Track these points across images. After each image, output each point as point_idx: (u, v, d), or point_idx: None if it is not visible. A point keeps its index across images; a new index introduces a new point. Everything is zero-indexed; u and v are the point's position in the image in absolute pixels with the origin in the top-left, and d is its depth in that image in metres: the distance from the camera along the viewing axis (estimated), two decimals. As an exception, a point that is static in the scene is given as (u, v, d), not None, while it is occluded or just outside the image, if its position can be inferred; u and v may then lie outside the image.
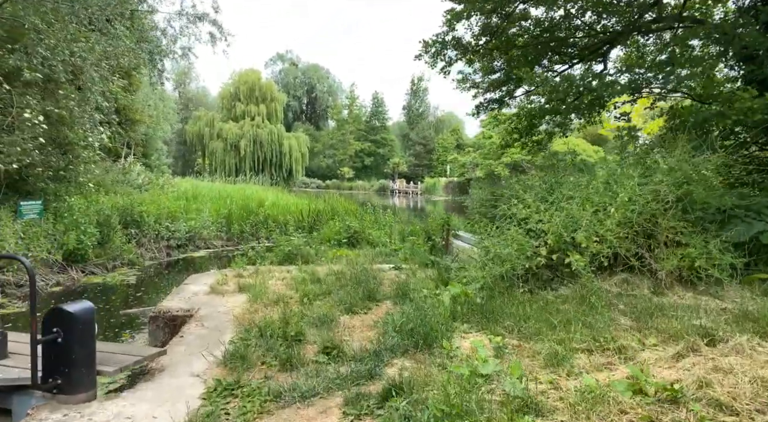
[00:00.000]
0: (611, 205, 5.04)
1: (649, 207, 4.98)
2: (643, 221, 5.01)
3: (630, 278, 5.17)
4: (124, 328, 8.08)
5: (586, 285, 4.93)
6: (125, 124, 23.59)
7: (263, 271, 7.82)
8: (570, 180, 6.13)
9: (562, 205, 5.36)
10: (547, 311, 4.63)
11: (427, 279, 6.77)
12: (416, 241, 9.76)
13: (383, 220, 14.70)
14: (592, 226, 5.03)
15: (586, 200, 5.28)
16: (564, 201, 5.51)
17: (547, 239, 5.24)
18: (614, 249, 4.89)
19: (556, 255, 5.20)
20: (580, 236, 5.04)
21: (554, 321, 4.30)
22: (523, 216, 5.47)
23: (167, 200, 17.17)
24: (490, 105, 14.70)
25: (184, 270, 13.38)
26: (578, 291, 4.96)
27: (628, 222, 5.01)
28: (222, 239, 16.83)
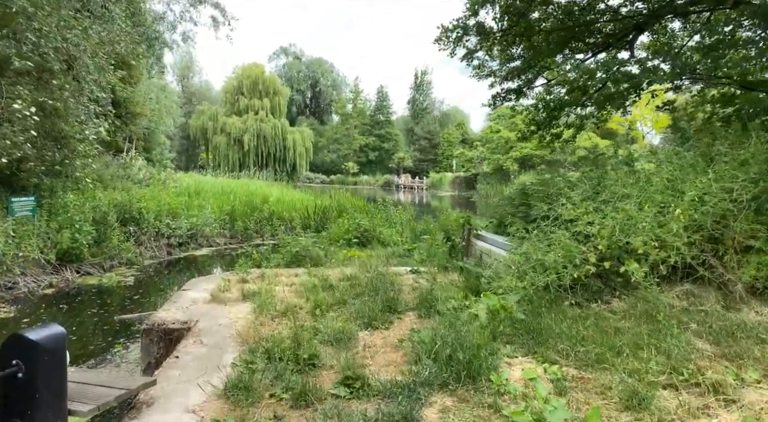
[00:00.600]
0: (675, 205, 4.32)
1: (720, 207, 4.27)
2: (712, 223, 4.29)
3: (694, 290, 4.46)
4: (118, 336, 7.43)
5: (646, 298, 4.22)
6: (126, 117, 22.93)
7: (269, 275, 7.14)
8: (619, 175, 5.41)
9: (617, 205, 4.64)
10: (604, 330, 3.93)
11: (452, 286, 6.07)
12: (433, 241, 9.05)
13: (394, 217, 13.99)
14: (652, 230, 4.31)
15: (646, 199, 4.56)
16: (618, 200, 4.79)
17: (597, 244, 4.53)
18: (680, 256, 4.18)
19: (609, 263, 4.50)
20: (638, 241, 4.32)
21: (617, 343, 3.60)
22: (570, 217, 4.76)
23: (168, 196, 16.51)
24: (508, 95, 13.94)
25: (185, 269, 12.74)
26: (637, 306, 4.26)
27: (694, 224, 4.30)
28: (225, 236, 16.18)
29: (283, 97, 68.68)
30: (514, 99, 14.22)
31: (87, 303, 9.20)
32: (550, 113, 14.42)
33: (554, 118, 14.50)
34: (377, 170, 72.75)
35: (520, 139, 15.21)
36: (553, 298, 4.56)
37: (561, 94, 14.71)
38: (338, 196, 23.91)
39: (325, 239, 11.25)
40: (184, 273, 12.41)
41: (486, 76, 13.82)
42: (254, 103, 66.92)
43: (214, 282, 6.95)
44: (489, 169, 44.30)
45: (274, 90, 68.24)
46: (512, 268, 5.05)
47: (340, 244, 11.28)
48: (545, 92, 15.11)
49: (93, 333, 7.58)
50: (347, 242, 10.85)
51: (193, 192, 21.15)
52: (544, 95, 15.03)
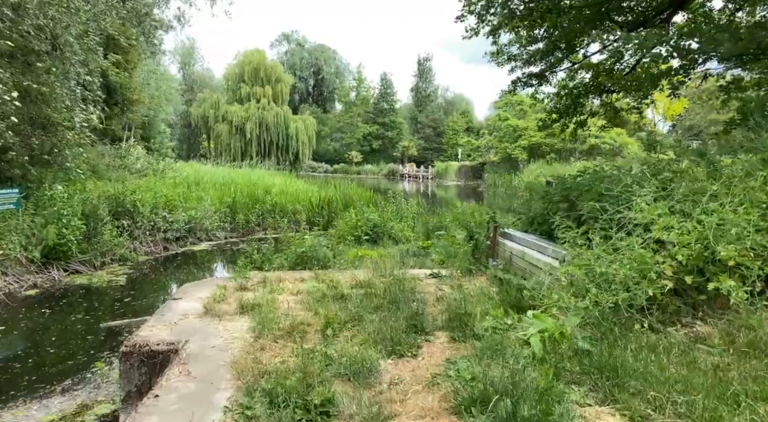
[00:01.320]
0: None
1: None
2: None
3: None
4: (103, 348, 6.61)
5: (745, 324, 3.35)
6: (123, 104, 22.04)
7: (272, 280, 6.29)
8: (697, 169, 4.51)
9: (704, 206, 3.75)
10: (701, 368, 3.06)
11: (485, 297, 5.21)
12: (452, 240, 8.18)
13: (405, 210, 13.10)
14: (750, 236, 3.43)
15: (742, 199, 3.67)
16: (697, 199, 3.90)
17: (675, 253, 3.66)
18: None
19: (691, 278, 3.63)
20: (730, 250, 3.44)
21: (728, 390, 2.74)
22: (645, 220, 3.87)
23: (165, 187, 15.66)
24: (530, 80, 12.99)
25: (182, 266, 11.93)
26: (735, 334, 3.39)
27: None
28: (225, 230, 15.34)
29: (285, 85, 67.47)
30: (536, 84, 13.27)
31: (73, 306, 8.39)
32: (574, 100, 13.52)
33: (579, 105, 13.58)
34: (381, 159, 71.71)
35: (541, 128, 14.26)
36: (621, 321, 3.69)
37: (585, 79, 13.78)
38: (343, 186, 23.05)
39: (333, 236, 10.41)
40: (181, 270, 11.60)
41: (506, 62, 12.87)
42: (256, 91, 65.80)
43: (209, 288, 6.10)
44: (496, 157, 43.24)
45: (277, 77, 67.04)
46: (564, 281, 4.18)
47: (348, 241, 10.44)
48: (568, 78, 14.17)
49: (75, 344, 6.77)
50: (356, 239, 10.00)
51: (193, 182, 20.29)
52: (567, 81, 14.11)
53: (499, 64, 12.98)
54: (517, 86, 13.25)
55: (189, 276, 11.03)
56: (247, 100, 64.68)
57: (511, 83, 13.28)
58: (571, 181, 6.41)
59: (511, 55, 12.86)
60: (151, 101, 32.22)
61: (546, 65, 12.60)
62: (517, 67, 12.86)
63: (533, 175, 35.99)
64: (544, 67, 12.64)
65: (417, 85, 78.12)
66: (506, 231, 7.28)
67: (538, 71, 12.79)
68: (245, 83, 65.65)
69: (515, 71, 12.97)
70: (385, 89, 76.83)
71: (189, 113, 69.19)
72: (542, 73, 12.74)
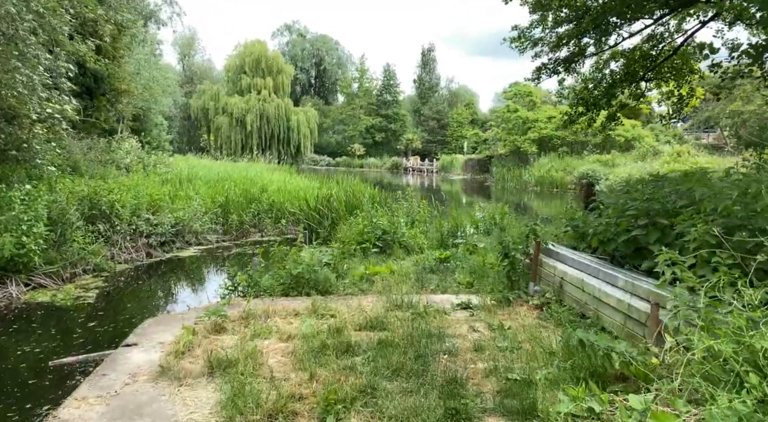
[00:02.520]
0: None
1: None
2: None
3: None
4: (46, 397, 5.24)
5: None
6: (110, 95, 20.60)
7: (257, 315, 4.91)
8: None
9: None
10: None
11: (537, 344, 3.82)
12: (482, 257, 6.78)
13: (416, 213, 11.68)
14: None
15: None
16: None
17: None
18: None
19: None
20: None
21: None
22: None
23: (152, 185, 14.28)
24: (556, 67, 11.53)
25: (165, 276, 10.57)
26: None
27: None
28: (217, 233, 13.95)
29: (286, 76, 65.94)
30: (563, 70, 11.81)
31: (24, 334, 7.02)
32: (607, 90, 12.11)
33: (611, 96, 12.16)
34: (384, 152, 70.19)
35: (566, 123, 12.81)
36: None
37: (616, 68, 12.34)
38: (346, 182, 21.63)
39: (336, 245, 9.01)
40: (163, 281, 10.24)
41: (530, 47, 11.41)
42: (257, 82, 64.33)
43: (174, 328, 4.73)
44: (504, 150, 41.69)
45: (278, 68, 65.53)
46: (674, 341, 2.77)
47: (354, 251, 9.05)
48: (596, 67, 12.72)
49: (10, 392, 5.41)
50: (363, 251, 8.59)
51: (185, 178, 18.93)
52: (597, 71, 12.67)
53: (521, 49, 11.52)
54: (542, 73, 11.81)
55: (170, 290, 9.67)
56: (247, 92, 63.23)
57: (535, 70, 11.84)
58: (658, 190, 4.92)
59: (536, 40, 11.40)
60: (146, 92, 30.75)
61: (576, 49, 11.13)
62: (542, 52, 11.41)
63: (544, 169, 34.52)
64: (574, 52, 11.17)
65: (420, 77, 76.27)
66: (553, 247, 5.87)
67: (567, 56, 11.33)
68: (246, 74, 64.16)
69: (540, 57, 11.53)
70: (388, 80, 75.12)
71: (189, 105, 67.73)
72: (571, 59, 11.28)
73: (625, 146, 35.17)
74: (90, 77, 19.05)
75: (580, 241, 5.81)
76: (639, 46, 11.85)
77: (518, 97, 40.45)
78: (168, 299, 8.87)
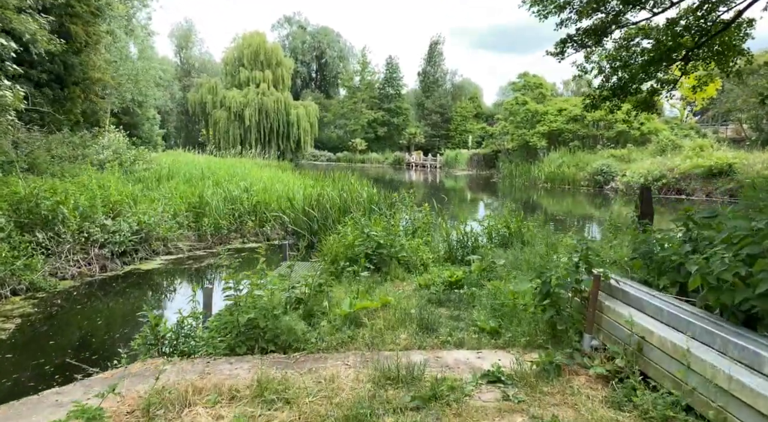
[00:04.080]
0: None
1: None
2: None
3: None
4: None
5: None
6: (83, 84, 18.79)
7: (168, 403, 3.09)
8: None
9: None
10: None
11: None
12: (513, 297, 4.93)
13: (419, 221, 9.83)
14: None
15: None
16: None
17: None
18: None
19: None
20: None
21: None
22: None
23: (118, 183, 12.48)
24: (584, 38, 9.66)
25: (117, 296, 8.77)
26: None
27: None
28: (190, 239, 12.14)
29: (286, 69, 64.00)
30: (591, 44, 9.92)
31: None
32: (638, 70, 10.24)
33: (642, 80, 10.30)
34: (386, 147, 68.23)
35: (588, 107, 10.94)
36: None
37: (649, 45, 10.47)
38: (343, 180, 19.83)
39: (321, 260, 7.20)
40: (112, 304, 8.43)
41: (554, 12, 9.53)
42: (255, 75, 62.47)
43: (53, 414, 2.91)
44: (512, 144, 39.74)
45: (277, 61, 63.62)
46: None
47: (341, 270, 7.23)
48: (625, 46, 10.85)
49: None
50: (352, 272, 6.74)
51: (165, 176, 17.17)
52: (624, 49, 10.80)
53: (544, 14, 9.63)
54: (566, 47, 9.95)
55: (113, 319, 7.87)
56: (246, 85, 61.36)
57: (558, 43, 9.99)
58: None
59: (558, 5, 9.51)
60: (137, 84, 28.96)
61: (608, 18, 9.25)
62: (569, 20, 9.54)
63: (555, 165, 32.57)
64: (605, 20, 9.29)
65: (425, 70, 74.03)
66: (621, 285, 4.01)
67: (596, 24, 9.44)
68: (244, 67, 62.26)
69: (566, 26, 9.65)
70: (391, 73, 73.02)
71: (186, 99, 65.94)
72: (603, 28, 9.39)
73: (640, 140, 33.18)
74: (59, 64, 17.24)
75: (657, 275, 3.99)
76: (681, 15, 9.94)
77: (527, 89, 38.43)
78: (103, 336, 7.06)
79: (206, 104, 61.00)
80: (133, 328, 7.20)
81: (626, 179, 26.82)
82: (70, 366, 5.35)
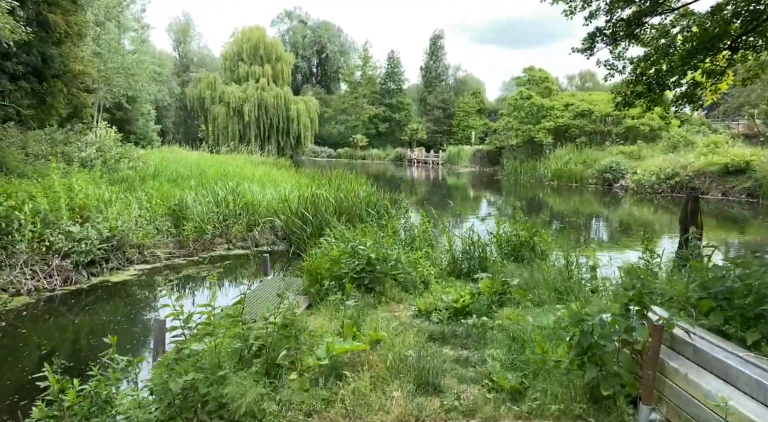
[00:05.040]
0: None
1: None
2: None
3: None
4: None
5: None
6: (65, 77, 17.71)
7: None
8: None
9: None
10: None
11: None
12: (541, 350, 3.82)
13: (417, 231, 8.73)
14: None
15: None
16: None
17: None
18: None
19: None
20: None
21: None
22: None
23: (91, 183, 11.44)
24: (615, 31, 8.54)
25: (84, 311, 7.72)
26: None
27: None
28: (169, 246, 11.08)
29: (286, 64, 62.80)
30: (623, 36, 8.78)
31: None
32: (678, 62, 9.13)
33: (682, 72, 9.20)
34: (388, 143, 66.99)
35: (621, 104, 9.81)
36: None
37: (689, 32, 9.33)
38: (342, 178, 18.76)
39: (303, 276, 6.13)
40: (73, 321, 7.38)
41: (582, 5, 8.42)
42: (255, 70, 61.29)
43: None
44: (516, 141, 38.56)
45: (277, 55, 62.44)
46: None
47: (325, 290, 6.17)
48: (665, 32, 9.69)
49: None
50: (339, 294, 5.66)
51: (150, 175, 16.12)
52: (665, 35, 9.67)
53: (570, 11, 8.53)
54: (596, 41, 8.83)
55: (71, 337, 6.82)
56: (245, 81, 60.21)
57: (586, 38, 8.87)
58: None
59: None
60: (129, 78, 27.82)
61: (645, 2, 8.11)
62: (598, 11, 8.41)
63: (561, 162, 31.41)
64: (643, 7, 8.15)
65: (427, 65, 72.62)
66: (697, 340, 2.93)
67: (631, 16, 8.30)
68: (243, 62, 61.08)
69: (595, 18, 8.52)
70: (393, 68, 71.68)
71: (185, 94, 64.81)
72: (638, 17, 8.26)
73: (650, 136, 31.99)
74: (36, 55, 16.14)
75: (741, 324, 2.92)
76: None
77: (532, 84, 37.19)
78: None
79: (205, 99, 59.91)
80: (84, 358, 6.16)
81: (637, 177, 25.68)
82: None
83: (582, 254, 7.21)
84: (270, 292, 6.69)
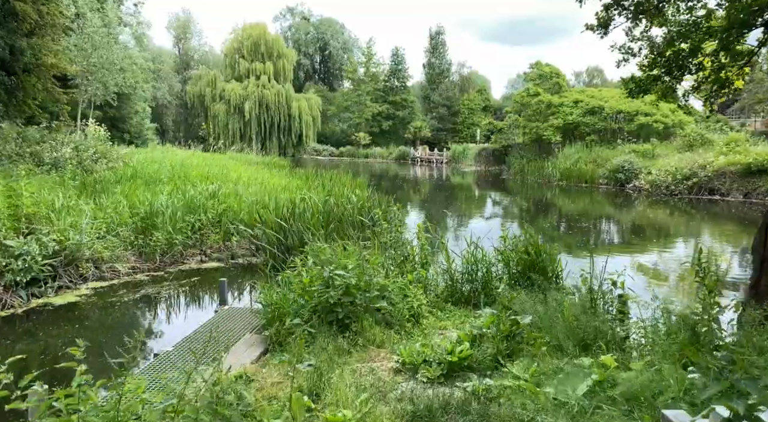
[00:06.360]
0: None
1: None
2: None
3: None
4: None
5: None
6: (37, 71, 16.51)
7: None
8: None
9: None
10: None
11: None
12: None
13: (410, 249, 7.38)
14: None
15: None
16: None
17: None
18: None
19: None
20: None
21: None
22: None
23: (37, 188, 10.19)
24: (638, 4, 7.20)
25: (7, 345, 6.44)
26: None
27: None
28: (130, 260, 9.79)
29: (288, 61, 61.48)
30: (644, 11, 7.44)
31: None
32: (702, 40, 7.81)
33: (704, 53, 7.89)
34: (391, 141, 65.60)
35: (634, 91, 8.47)
36: None
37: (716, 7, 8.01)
38: (334, 180, 17.51)
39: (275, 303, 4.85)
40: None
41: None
42: (255, 67, 59.93)
43: None
44: (524, 139, 37.08)
45: (279, 52, 61.12)
46: None
47: (287, 330, 4.86)
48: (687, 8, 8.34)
49: None
50: (292, 357, 4.37)
51: (126, 177, 14.86)
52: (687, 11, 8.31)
53: None
54: (612, 14, 7.49)
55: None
56: (246, 78, 58.99)
57: (602, 10, 7.51)
58: None
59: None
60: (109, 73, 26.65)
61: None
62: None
63: (571, 161, 29.96)
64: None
65: (430, 61, 71.13)
66: None
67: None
68: (244, 59, 59.86)
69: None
70: (396, 65, 70.29)
71: (185, 92, 63.73)
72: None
73: (664, 134, 30.47)
74: (4, 48, 14.91)
75: None
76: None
77: (542, 79, 35.68)
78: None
79: (205, 97, 58.80)
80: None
81: (652, 178, 24.20)
82: None
83: (606, 278, 5.86)
84: (222, 329, 5.40)
